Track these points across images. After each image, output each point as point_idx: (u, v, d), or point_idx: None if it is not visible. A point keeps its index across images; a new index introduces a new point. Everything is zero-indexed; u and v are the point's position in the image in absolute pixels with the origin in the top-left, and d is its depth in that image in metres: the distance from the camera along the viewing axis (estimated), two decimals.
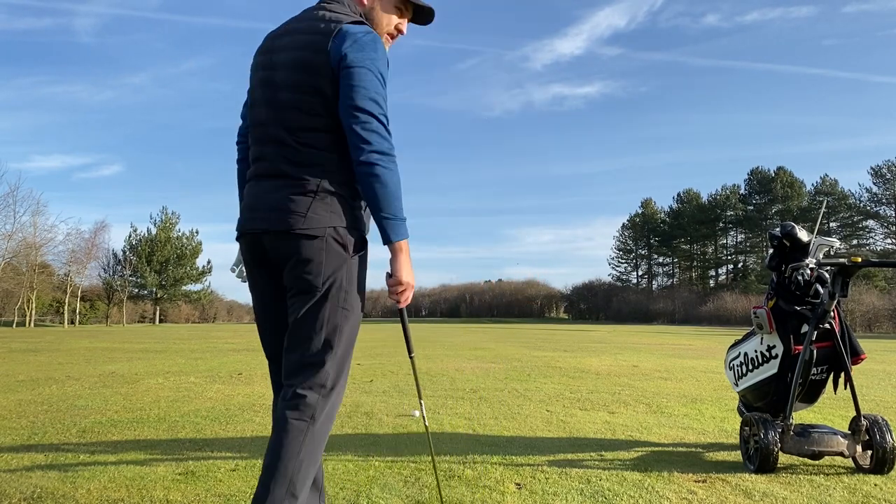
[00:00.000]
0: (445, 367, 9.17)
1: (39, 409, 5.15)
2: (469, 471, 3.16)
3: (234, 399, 5.73)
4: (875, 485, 2.95)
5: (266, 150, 1.92)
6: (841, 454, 3.14)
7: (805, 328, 3.29)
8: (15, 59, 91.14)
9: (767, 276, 3.95)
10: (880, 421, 3.14)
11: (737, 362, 3.70)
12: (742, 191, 77.03)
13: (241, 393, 6.15)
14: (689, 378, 7.75)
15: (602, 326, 43.51)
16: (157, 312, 62.53)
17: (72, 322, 49.32)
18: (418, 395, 2.31)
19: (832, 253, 3.54)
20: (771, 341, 3.41)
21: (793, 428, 3.17)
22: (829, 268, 3.29)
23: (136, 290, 60.51)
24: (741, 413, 3.76)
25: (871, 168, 65.05)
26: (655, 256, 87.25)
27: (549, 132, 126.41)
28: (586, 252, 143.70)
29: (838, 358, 3.28)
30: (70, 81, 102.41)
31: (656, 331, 32.66)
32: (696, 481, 3.01)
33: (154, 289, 60.21)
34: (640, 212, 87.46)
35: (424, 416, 2.27)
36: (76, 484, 2.91)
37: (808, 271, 3.35)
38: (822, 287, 3.35)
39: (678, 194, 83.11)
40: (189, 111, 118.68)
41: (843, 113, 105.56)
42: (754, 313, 3.49)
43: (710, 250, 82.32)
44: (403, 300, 1.92)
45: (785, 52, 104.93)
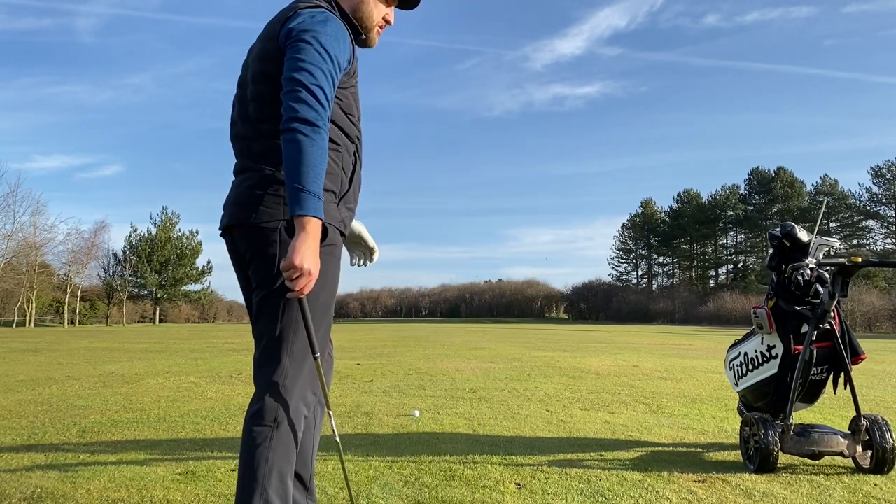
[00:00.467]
0: (445, 367, 9.17)
1: (39, 409, 5.14)
2: (469, 471, 3.16)
3: (234, 399, 5.73)
4: (875, 485, 2.95)
5: (235, 146, 1.95)
6: (841, 454, 3.14)
7: (805, 328, 3.29)
8: (15, 59, 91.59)
9: (767, 276, 3.95)
10: (880, 421, 3.14)
11: (737, 362, 3.70)
12: (742, 191, 77.15)
13: (241, 393, 6.14)
14: (689, 378, 7.75)
15: (602, 326, 43.50)
16: (157, 312, 62.56)
17: (72, 322, 49.33)
18: (326, 403, 1.97)
19: (832, 253, 3.54)
20: (771, 341, 3.41)
21: (793, 428, 3.17)
22: (829, 268, 3.29)
23: (136, 290, 60.54)
24: (741, 413, 3.75)
25: (871, 168, 65.29)
26: (655, 256, 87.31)
27: (550, 132, 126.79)
28: (586, 252, 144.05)
29: (838, 358, 3.28)
30: (70, 81, 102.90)
31: (656, 331, 32.65)
32: (696, 481, 3.01)
33: (154, 289, 60.23)
34: (640, 212, 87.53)
35: (334, 427, 1.97)
36: (76, 484, 2.90)
37: (808, 271, 3.35)
38: (822, 287, 3.35)
39: (678, 194, 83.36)
40: (189, 111, 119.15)
41: (843, 113, 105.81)
42: (754, 313, 3.48)
43: (710, 250, 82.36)
44: (297, 288, 1.66)
45: (785, 52, 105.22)
